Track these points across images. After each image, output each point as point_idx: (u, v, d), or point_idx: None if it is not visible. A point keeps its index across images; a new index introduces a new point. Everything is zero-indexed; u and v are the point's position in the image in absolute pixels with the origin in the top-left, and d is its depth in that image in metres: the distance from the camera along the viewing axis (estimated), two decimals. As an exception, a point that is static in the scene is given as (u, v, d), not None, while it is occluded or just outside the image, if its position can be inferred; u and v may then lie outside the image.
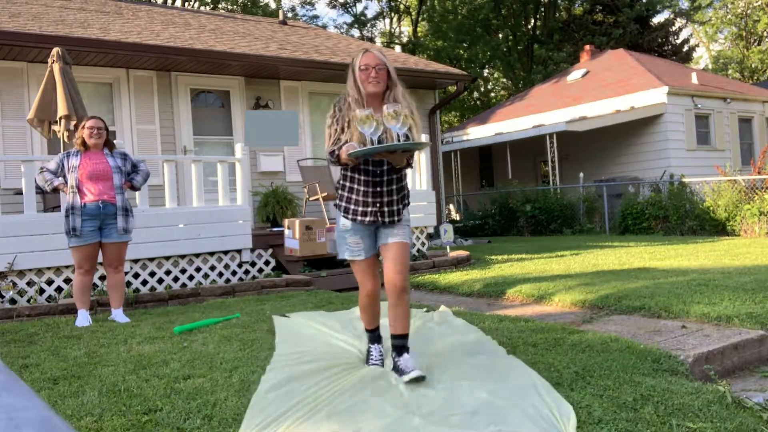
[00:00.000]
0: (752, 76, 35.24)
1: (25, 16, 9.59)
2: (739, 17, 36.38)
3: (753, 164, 12.47)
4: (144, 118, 9.57)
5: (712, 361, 3.45)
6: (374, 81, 3.11)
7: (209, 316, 5.30)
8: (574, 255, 8.85)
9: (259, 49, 10.51)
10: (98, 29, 9.55)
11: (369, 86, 3.12)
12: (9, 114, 8.61)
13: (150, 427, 2.60)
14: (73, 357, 3.94)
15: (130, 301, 6.13)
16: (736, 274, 5.92)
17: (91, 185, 5.25)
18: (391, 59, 11.87)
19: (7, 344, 4.43)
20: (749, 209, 11.25)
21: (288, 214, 9.29)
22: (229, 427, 2.59)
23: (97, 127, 5.34)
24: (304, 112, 10.93)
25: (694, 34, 37.55)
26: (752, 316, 4.15)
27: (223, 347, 4.02)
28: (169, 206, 7.19)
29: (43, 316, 5.73)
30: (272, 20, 15.52)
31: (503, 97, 32.91)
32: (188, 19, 12.55)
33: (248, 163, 9.30)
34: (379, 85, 3.13)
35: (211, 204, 7.91)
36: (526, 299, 5.78)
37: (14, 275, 6.21)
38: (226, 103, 10.41)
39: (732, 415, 2.57)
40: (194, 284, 7.17)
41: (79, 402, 2.97)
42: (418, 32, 33.14)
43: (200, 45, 9.84)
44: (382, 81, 3.14)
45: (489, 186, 18.90)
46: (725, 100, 17.25)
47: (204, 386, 3.14)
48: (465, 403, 2.76)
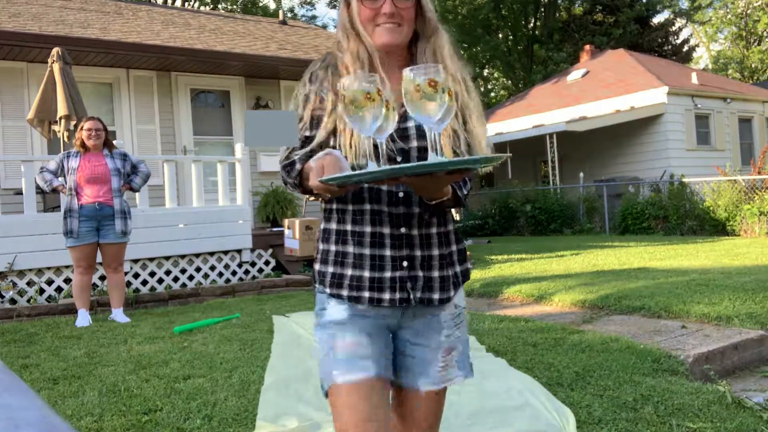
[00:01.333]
0: (752, 76, 35.24)
1: (25, 16, 9.59)
2: (739, 17, 36.38)
3: (753, 164, 12.47)
4: (144, 118, 9.57)
5: (712, 361, 3.45)
6: (389, 22, 1.47)
7: (209, 316, 5.30)
8: (574, 255, 8.85)
9: (259, 49, 10.51)
10: (98, 29, 9.55)
11: (379, 33, 1.48)
12: (9, 114, 8.61)
13: (150, 427, 2.60)
14: (73, 357, 3.94)
15: (130, 301, 6.13)
16: (736, 274, 5.92)
17: (89, 188, 5.27)
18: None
19: (7, 344, 4.43)
20: (749, 209, 11.25)
21: (288, 214, 9.29)
22: (229, 427, 2.59)
23: (95, 128, 5.35)
24: (304, 112, 10.91)
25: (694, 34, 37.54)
26: (752, 316, 4.15)
27: (223, 347, 4.02)
28: (169, 206, 7.19)
29: (43, 316, 5.73)
30: (272, 20, 15.52)
31: (503, 97, 32.92)
32: (188, 19, 12.55)
33: (248, 163, 9.30)
34: (399, 30, 1.49)
35: (211, 204, 7.91)
36: (526, 299, 5.78)
37: (14, 275, 6.21)
38: (226, 103, 10.41)
39: (732, 415, 2.57)
40: (194, 284, 7.17)
41: (79, 402, 2.97)
42: (418, 32, 33.12)
43: (200, 45, 9.84)
44: (406, 21, 1.49)
45: (489, 186, 18.90)
46: (725, 100, 17.25)
47: (204, 386, 3.14)
48: (464, 403, 2.77)
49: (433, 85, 1.16)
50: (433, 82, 1.16)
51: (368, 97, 1.21)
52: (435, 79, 1.16)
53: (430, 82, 1.17)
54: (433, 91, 1.17)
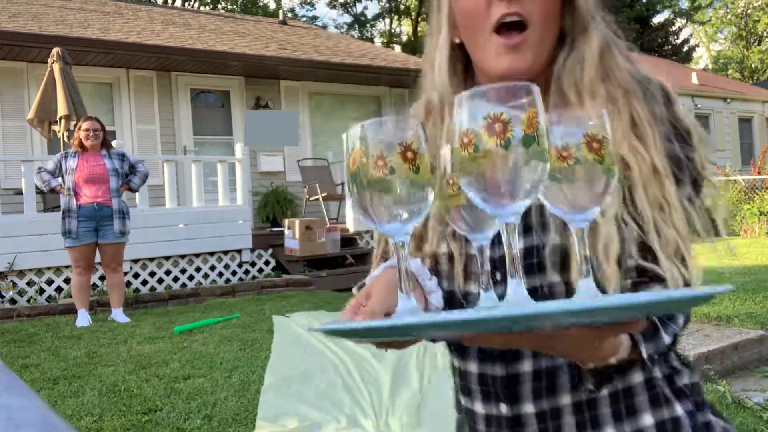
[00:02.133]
0: (752, 76, 35.24)
1: (25, 16, 9.59)
2: (739, 17, 36.38)
3: (753, 164, 12.47)
4: (144, 118, 9.57)
5: (712, 361, 3.45)
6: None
7: (209, 316, 5.30)
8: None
9: (259, 49, 10.51)
10: (98, 29, 9.55)
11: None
12: (9, 114, 8.61)
13: (150, 427, 2.60)
14: (73, 357, 3.94)
15: (130, 301, 6.13)
16: (736, 274, 5.92)
17: (87, 188, 5.28)
18: (391, 59, 11.89)
19: (7, 344, 4.43)
20: (749, 209, 11.25)
21: (288, 214, 9.29)
22: (229, 427, 2.59)
23: (93, 129, 5.36)
24: (304, 112, 10.92)
25: (694, 34, 37.54)
26: (752, 316, 4.15)
27: (223, 347, 4.02)
28: (170, 206, 7.19)
29: (43, 316, 5.73)
30: (272, 20, 15.52)
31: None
32: (188, 19, 12.56)
33: (248, 163, 9.30)
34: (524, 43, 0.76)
35: (211, 204, 7.91)
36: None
37: (14, 275, 6.20)
38: (226, 103, 10.41)
39: (732, 415, 2.57)
40: (194, 284, 7.17)
41: (79, 402, 2.97)
42: (418, 32, 33.17)
43: (200, 45, 9.85)
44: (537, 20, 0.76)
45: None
46: (725, 100, 17.26)
47: (204, 386, 3.14)
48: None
49: (596, 140, 0.59)
50: (595, 138, 0.59)
51: (398, 160, 0.57)
52: (595, 134, 0.59)
53: (595, 140, 0.59)
54: (569, 162, 0.59)
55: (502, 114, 0.53)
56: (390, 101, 11.61)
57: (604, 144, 0.59)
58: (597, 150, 0.58)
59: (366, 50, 12.54)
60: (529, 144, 0.53)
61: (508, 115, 0.53)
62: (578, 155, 0.58)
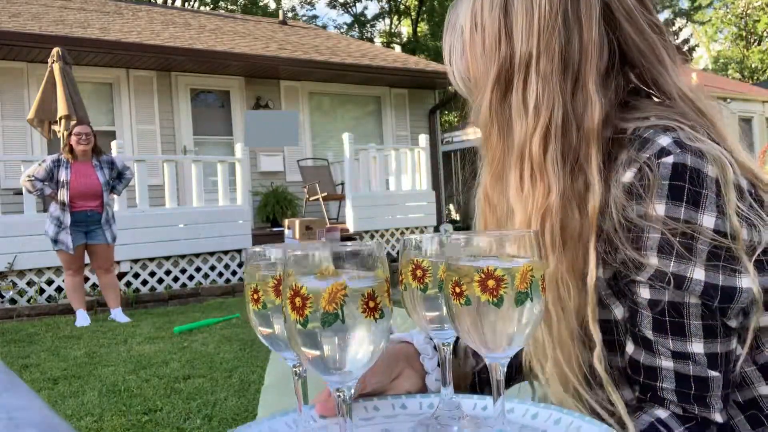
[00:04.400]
0: (752, 76, 35.25)
1: (25, 16, 9.59)
2: (739, 17, 36.40)
3: (753, 164, 12.49)
4: (144, 118, 9.57)
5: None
6: None
7: (209, 316, 5.30)
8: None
9: (259, 49, 10.51)
10: (98, 29, 9.55)
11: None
12: (9, 114, 8.61)
13: (150, 427, 2.60)
14: (73, 357, 3.94)
15: (130, 301, 6.13)
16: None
17: (80, 200, 5.41)
18: (391, 59, 11.90)
19: (7, 344, 4.43)
20: (749, 209, 11.26)
21: (288, 214, 9.29)
22: (229, 427, 2.59)
23: (84, 133, 5.42)
24: (304, 112, 10.92)
25: (694, 34, 37.56)
26: None
27: (223, 347, 4.02)
28: (169, 206, 7.19)
29: (43, 316, 5.74)
30: (272, 20, 15.52)
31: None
32: (188, 19, 12.56)
33: (248, 163, 9.30)
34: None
35: (211, 204, 7.92)
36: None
37: (14, 275, 6.21)
38: (226, 103, 10.41)
39: (732, 415, 2.57)
40: (194, 284, 7.17)
41: (79, 402, 2.97)
42: (417, 32, 33.18)
43: (200, 45, 9.85)
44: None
45: (489, 186, 18.89)
46: (725, 100, 17.26)
47: (204, 386, 3.14)
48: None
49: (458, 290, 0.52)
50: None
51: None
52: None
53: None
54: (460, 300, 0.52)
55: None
56: (390, 101, 11.62)
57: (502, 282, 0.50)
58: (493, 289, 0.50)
59: (366, 50, 12.54)
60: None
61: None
62: (469, 293, 0.51)
